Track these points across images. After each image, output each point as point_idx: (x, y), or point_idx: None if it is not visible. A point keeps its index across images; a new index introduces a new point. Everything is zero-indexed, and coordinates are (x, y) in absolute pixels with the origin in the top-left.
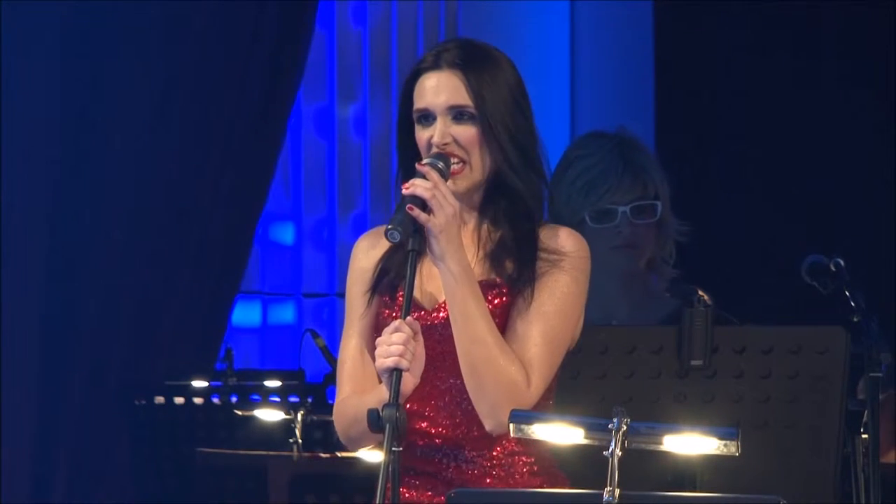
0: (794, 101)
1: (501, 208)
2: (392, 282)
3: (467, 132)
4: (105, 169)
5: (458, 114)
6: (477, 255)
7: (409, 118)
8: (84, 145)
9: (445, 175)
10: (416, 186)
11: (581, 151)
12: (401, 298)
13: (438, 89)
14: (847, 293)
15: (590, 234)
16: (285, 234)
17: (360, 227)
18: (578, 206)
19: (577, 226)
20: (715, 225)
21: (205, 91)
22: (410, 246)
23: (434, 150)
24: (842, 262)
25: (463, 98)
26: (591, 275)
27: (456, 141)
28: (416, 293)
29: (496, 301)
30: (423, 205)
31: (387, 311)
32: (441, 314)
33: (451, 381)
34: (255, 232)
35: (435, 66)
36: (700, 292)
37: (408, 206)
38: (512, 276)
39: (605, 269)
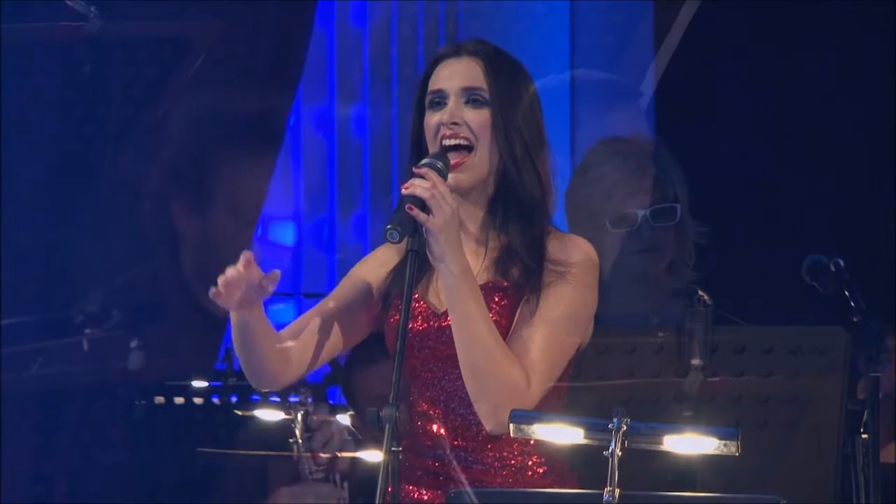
0: (795, 101)
1: (508, 215)
2: None
3: (480, 116)
4: (105, 168)
5: (471, 97)
6: (483, 263)
7: (423, 109)
8: (84, 144)
9: (444, 175)
10: (415, 186)
11: (597, 157)
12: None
13: (454, 73)
14: (847, 293)
15: (610, 238)
16: (285, 234)
17: (360, 227)
18: (598, 211)
19: (597, 231)
20: (715, 225)
21: (204, 90)
22: (410, 246)
23: (443, 130)
24: (842, 262)
25: (479, 81)
26: (613, 277)
27: (467, 125)
28: (430, 297)
29: (503, 303)
30: (423, 205)
31: (396, 315)
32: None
33: (460, 383)
34: (255, 232)
35: (454, 54)
36: (700, 292)
37: (407, 205)
38: (519, 281)
39: (627, 272)
